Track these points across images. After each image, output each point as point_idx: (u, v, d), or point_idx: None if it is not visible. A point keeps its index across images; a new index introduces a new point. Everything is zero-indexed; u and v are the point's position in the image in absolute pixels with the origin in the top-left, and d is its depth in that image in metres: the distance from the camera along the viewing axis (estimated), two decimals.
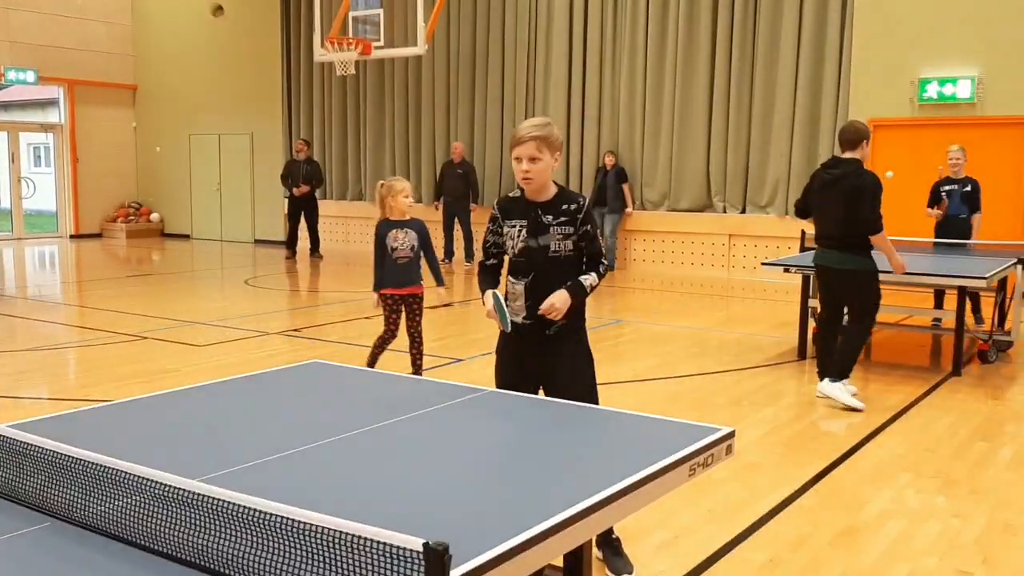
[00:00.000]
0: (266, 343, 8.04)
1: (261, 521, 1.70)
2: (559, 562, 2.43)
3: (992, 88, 10.92)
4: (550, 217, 3.33)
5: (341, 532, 1.60)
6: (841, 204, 5.89)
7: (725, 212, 13.10)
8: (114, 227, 19.15)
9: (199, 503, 1.80)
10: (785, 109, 12.47)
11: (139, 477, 1.92)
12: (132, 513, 1.86)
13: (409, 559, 1.51)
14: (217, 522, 1.75)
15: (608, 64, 13.83)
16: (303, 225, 15.17)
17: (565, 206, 3.35)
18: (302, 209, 15.03)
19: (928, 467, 4.83)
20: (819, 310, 6.39)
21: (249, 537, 1.70)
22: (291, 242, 15.24)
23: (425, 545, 1.48)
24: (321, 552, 1.61)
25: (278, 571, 1.63)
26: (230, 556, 1.70)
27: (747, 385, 6.63)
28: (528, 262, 3.35)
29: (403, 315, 6.02)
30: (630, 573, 3.42)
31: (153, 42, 19.19)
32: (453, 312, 10.04)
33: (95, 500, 1.94)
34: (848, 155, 6.01)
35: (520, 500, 2.12)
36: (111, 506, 1.91)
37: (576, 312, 3.39)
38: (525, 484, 2.25)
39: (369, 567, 1.55)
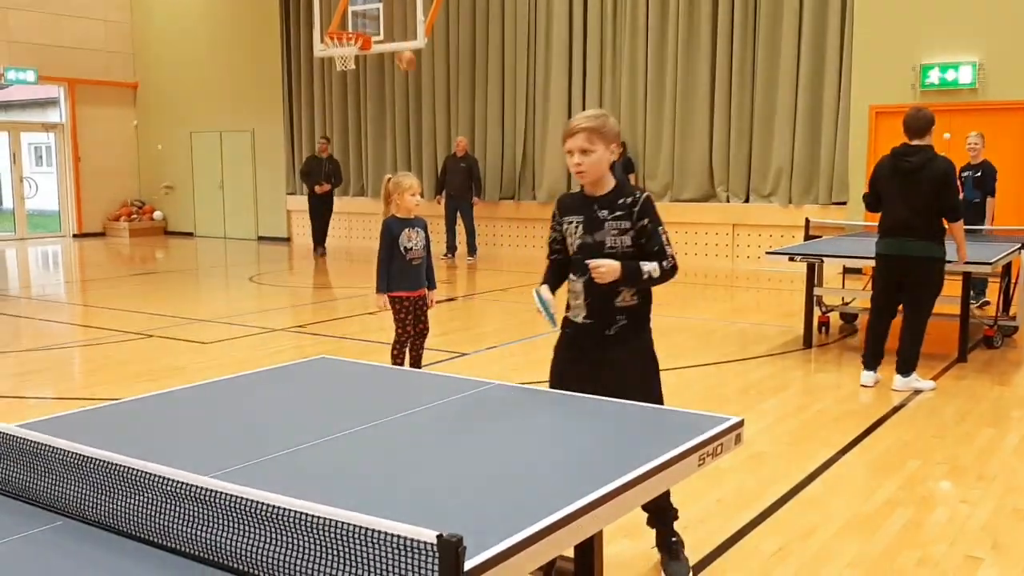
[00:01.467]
0: (272, 339, 8.04)
1: (273, 516, 1.70)
2: (570, 552, 2.43)
3: (994, 73, 10.89)
4: (605, 212, 3.19)
5: (355, 525, 1.60)
6: (922, 192, 5.85)
7: (728, 202, 13.09)
8: (117, 226, 19.17)
9: (210, 499, 1.80)
10: (787, 97, 12.45)
11: (150, 474, 1.92)
12: (143, 510, 1.87)
13: (423, 551, 1.51)
14: (229, 518, 1.76)
15: (609, 55, 13.81)
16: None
17: (621, 200, 3.19)
18: (322, 206, 15.00)
19: (936, 454, 4.82)
20: (878, 299, 6.26)
21: (261, 532, 1.70)
22: (318, 238, 15.18)
23: (439, 537, 1.48)
24: (335, 546, 1.61)
25: (291, 565, 1.64)
26: (242, 551, 1.70)
27: (753, 375, 6.62)
28: (585, 259, 3.21)
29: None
30: None
31: (153, 40, 19.19)
32: (457, 306, 10.04)
33: (106, 498, 1.94)
34: (918, 142, 5.95)
35: (530, 492, 2.12)
36: (122, 504, 1.91)
37: (637, 313, 3.25)
38: (535, 476, 2.25)
39: (383, 560, 1.55)
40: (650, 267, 3.14)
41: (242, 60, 17.76)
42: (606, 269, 3.10)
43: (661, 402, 3.27)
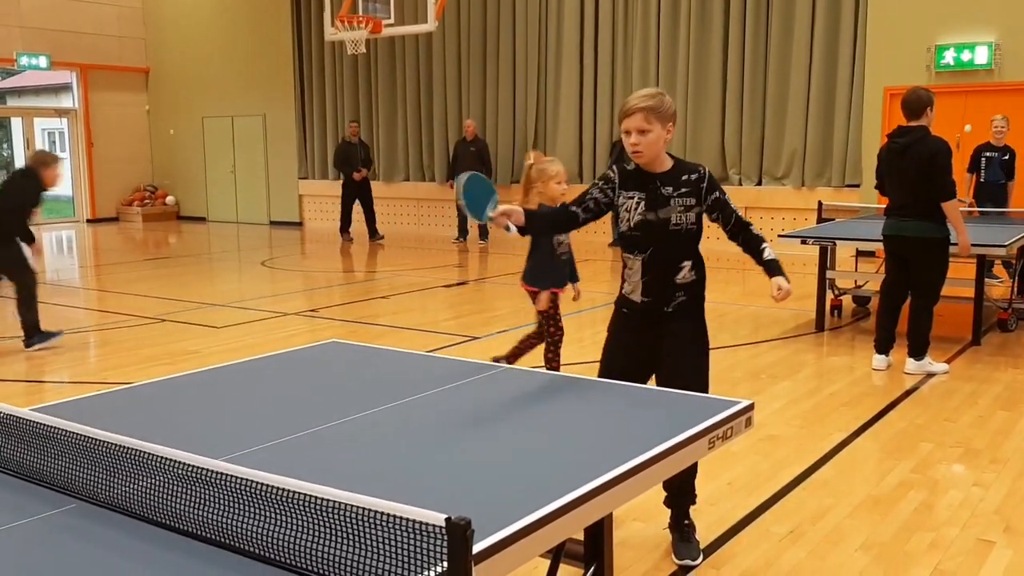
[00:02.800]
0: (284, 324, 8.07)
1: (284, 499, 1.72)
2: (580, 534, 2.43)
3: (1010, 54, 10.78)
4: (670, 188, 3.16)
5: (364, 508, 1.61)
6: (913, 172, 5.84)
7: (741, 184, 13.02)
8: (130, 211, 19.24)
9: (222, 482, 1.81)
10: (800, 78, 12.35)
11: (162, 458, 1.93)
12: (156, 493, 1.88)
13: (432, 534, 1.52)
14: (240, 501, 1.77)
15: (620, 36, 13.73)
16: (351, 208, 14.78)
17: (686, 176, 3.18)
18: (359, 193, 14.69)
19: (949, 437, 4.81)
20: (886, 281, 6.26)
21: (272, 515, 1.72)
22: (346, 225, 14.84)
23: (447, 520, 1.49)
24: (344, 528, 1.62)
25: (302, 548, 1.65)
26: (253, 534, 1.71)
27: (765, 358, 6.61)
28: (645, 236, 3.18)
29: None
30: (694, 559, 3.36)
31: (164, 25, 19.19)
32: (469, 290, 10.05)
33: (119, 481, 1.96)
34: (913, 123, 5.93)
35: (540, 475, 2.13)
36: (135, 487, 1.92)
37: (695, 288, 3.26)
38: (544, 459, 2.26)
39: (392, 542, 1.56)
40: (769, 249, 3.27)
41: (253, 45, 17.74)
42: (789, 287, 3.21)
43: (707, 385, 3.28)
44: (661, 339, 3.25)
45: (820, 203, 9.09)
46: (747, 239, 3.28)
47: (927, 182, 5.80)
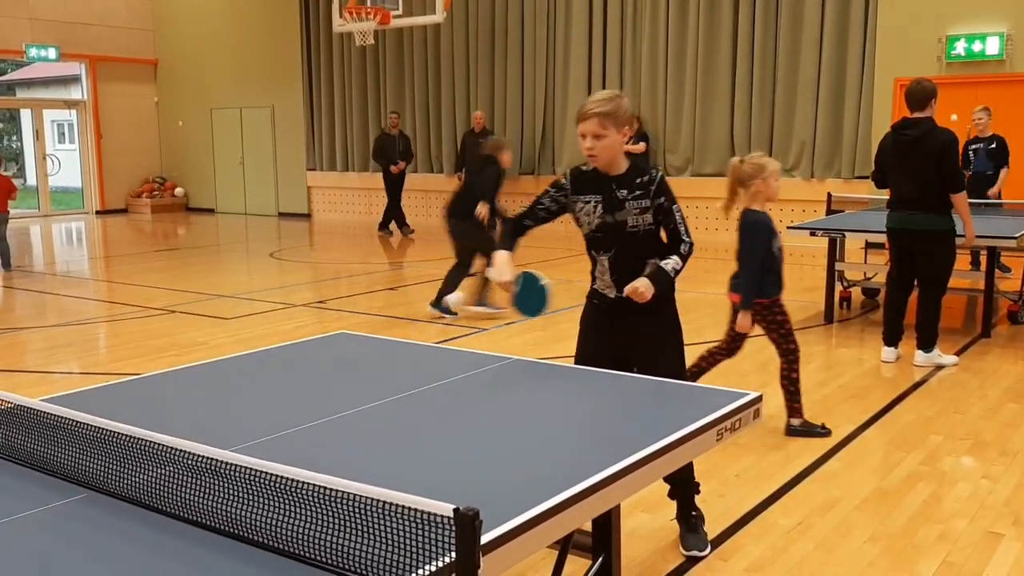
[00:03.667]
0: (293, 315, 8.09)
1: (292, 489, 1.72)
2: (588, 525, 2.44)
3: (1021, 45, 10.71)
4: (625, 191, 3.19)
5: (372, 499, 1.61)
6: (923, 164, 5.80)
7: None
8: (139, 202, 19.28)
9: (231, 473, 1.82)
10: (810, 69, 12.29)
11: (171, 448, 1.94)
12: (165, 484, 1.89)
13: (440, 524, 1.52)
14: (249, 491, 1.78)
15: (629, 27, 13.68)
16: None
17: (639, 179, 3.19)
18: (398, 184, 14.51)
19: (958, 429, 4.80)
20: (892, 273, 6.25)
21: (280, 505, 1.72)
22: (400, 218, 14.59)
23: (456, 511, 1.49)
24: (353, 519, 1.62)
25: (310, 538, 1.65)
26: (262, 524, 1.72)
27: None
28: (607, 238, 3.23)
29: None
30: (702, 550, 3.38)
31: (173, 17, 19.21)
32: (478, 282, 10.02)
33: (129, 471, 1.96)
34: (918, 115, 5.89)
35: (548, 466, 2.13)
36: (145, 477, 1.93)
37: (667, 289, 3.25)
38: (553, 450, 2.26)
39: (400, 533, 1.56)
40: (672, 263, 3.17)
41: (262, 36, 17.74)
42: (643, 290, 3.09)
43: (684, 370, 3.32)
44: (636, 334, 3.28)
45: (829, 195, 9.06)
46: (667, 249, 3.24)
47: (936, 174, 5.77)
